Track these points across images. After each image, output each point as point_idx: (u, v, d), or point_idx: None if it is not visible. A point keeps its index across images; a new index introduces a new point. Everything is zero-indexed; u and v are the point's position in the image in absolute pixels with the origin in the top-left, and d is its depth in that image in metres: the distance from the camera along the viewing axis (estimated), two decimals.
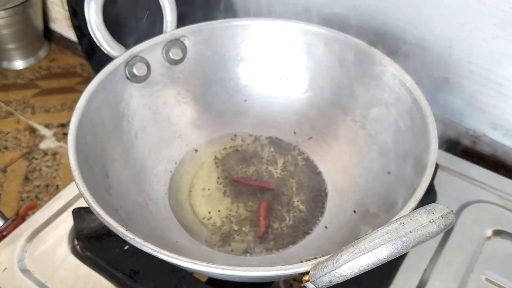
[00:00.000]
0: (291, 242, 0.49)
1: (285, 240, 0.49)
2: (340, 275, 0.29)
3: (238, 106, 0.59)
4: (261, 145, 0.58)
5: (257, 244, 0.49)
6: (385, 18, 0.58)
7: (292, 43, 0.57)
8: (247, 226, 0.50)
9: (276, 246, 0.49)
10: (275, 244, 0.49)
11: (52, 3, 1.36)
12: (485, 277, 0.47)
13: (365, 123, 0.53)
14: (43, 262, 0.48)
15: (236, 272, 0.33)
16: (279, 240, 0.50)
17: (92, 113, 0.47)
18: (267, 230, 0.50)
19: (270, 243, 0.49)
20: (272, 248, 0.49)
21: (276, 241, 0.49)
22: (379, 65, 0.51)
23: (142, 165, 0.52)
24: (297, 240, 0.49)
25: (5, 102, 1.31)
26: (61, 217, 0.52)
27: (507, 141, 0.60)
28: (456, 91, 0.60)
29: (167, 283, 0.44)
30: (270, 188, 0.53)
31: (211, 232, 0.50)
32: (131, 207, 0.47)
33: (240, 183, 0.54)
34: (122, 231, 0.35)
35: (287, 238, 0.50)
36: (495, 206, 0.53)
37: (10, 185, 1.11)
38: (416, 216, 0.29)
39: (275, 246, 0.49)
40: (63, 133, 1.23)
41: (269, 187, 0.53)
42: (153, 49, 0.52)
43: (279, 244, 0.49)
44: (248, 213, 0.52)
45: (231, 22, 0.56)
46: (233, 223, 0.51)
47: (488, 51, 0.54)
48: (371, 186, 0.50)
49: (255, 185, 0.54)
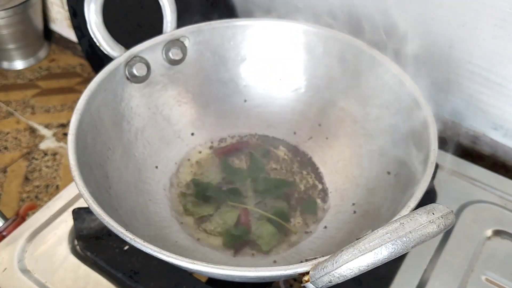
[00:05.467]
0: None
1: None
2: (340, 275, 0.29)
3: (238, 106, 0.59)
4: (261, 145, 0.58)
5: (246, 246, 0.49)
6: (385, 18, 0.58)
7: (292, 43, 0.57)
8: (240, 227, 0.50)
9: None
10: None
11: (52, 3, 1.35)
12: (485, 277, 0.47)
13: (365, 123, 0.53)
14: (43, 262, 0.48)
15: (236, 272, 0.33)
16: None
17: (92, 113, 0.47)
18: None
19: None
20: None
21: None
22: (379, 65, 0.51)
23: (142, 165, 0.52)
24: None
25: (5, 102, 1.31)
26: (61, 217, 0.52)
27: (507, 141, 0.60)
28: (456, 91, 0.60)
29: (167, 283, 0.44)
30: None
31: (211, 233, 0.50)
32: (131, 207, 0.47)
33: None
34: (122, 231, 0.35)
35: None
36: (495, 206, 0.53)
37: (10, 185, 1.11)
38: (416, 216, 0.29)
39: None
40: (63, 133, 1.23)
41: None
42: (153, 49, 0.52)
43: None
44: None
45: (231, 22, 0.56)
46: (233, 223, 0.51)
47: (488, 51, 0.54)
48: (371, 186, 0.50)
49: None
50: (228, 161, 0.56)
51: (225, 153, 0.57)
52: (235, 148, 0.58)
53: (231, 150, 0.57)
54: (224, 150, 0.57)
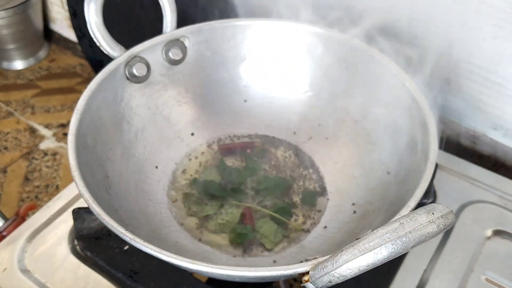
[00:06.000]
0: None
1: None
2: (339, 275, 0.29)
3: (238, 106, 0.59)
4: (261, 145, 0.58)
5: (256, 244, 0.49)
6: (385, 18, 0.58)
7: (292, 43, 0.57)
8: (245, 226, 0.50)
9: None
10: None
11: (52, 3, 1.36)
12: (485, 277, 0.47)
13: (365, 123, 0.53)
14: (43, 262, 0.48)
15: (236, 272, 0.33)
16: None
17: (92, 113, 0.47)
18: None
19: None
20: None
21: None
22: (379, 65, 0.51)
23: (142, 165, 0.52)
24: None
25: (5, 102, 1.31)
26: (61, 217, 0.52)
27: (507, 141, 0.60)
28: (456, 91, 0.60)
29: (167, 283, 0.44)
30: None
31: (211, 233, 0.50)
32: (131, 207, 0.47)
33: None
34: (122, 231, 0.35)
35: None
36: (495, 206, 0.53)
37: (10, 185, 1.11)
38: (416, 216, 0.29)
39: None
40: (63, 133, 1.23)
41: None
42: (153, 49, 0.52)
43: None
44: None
45: (231, 22, 0.56)
46: (233, 223, 0.51)
47: (488, 51, 0.54)
48: (371, 186, 0.50)
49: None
50: (228, 161, 0.56)
51: (230, 149, 0.57)
52: (239, 146, 0.58)
53: (235, 148, 0.58)
54: (229, 146, 0.58)
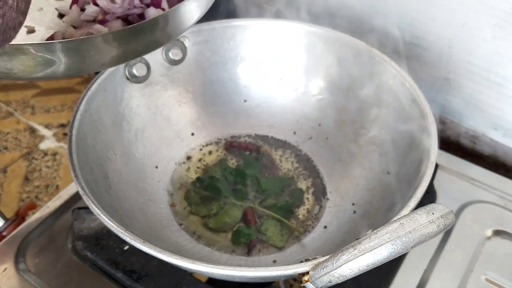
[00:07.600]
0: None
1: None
2: (340, 275, 0.29)
3: (238, 107, 0.59)
4: (261, 145, 0.58)
5: (257, 244, 0.49)
6: (385, 18, 0.58)
7: (292, 43, 0.57)
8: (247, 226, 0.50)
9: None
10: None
11: None
12: (485, 277, 0.47)
13: (365, 123, 0.53)
14: (43, 262, 0.48)
15: (236, 272, 0.33)
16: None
17: (92, 113, 0.47)
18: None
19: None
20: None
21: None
22: (379, 65, 0.51)
23: (142, 165, 0.52)
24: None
25: (5, 102, 1.31)
26: (61, 217, 0.52)
27: (507, 141, 0.60)
28: (456, 91, 0.60)
29: (167, 283, 0.44)
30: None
31: (211, 233, 0.50)
32: (131, 207, 0.47)
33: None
34: (122, 231, 0.36)
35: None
36: (495, 206, 0.53)
37: (10, 185, 1.11)
38: (416, 216, 0.29)
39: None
40: (63, 133, 1.23)
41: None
42: None
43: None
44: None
45: (231, 22, 0.56)
46: (234, 223, 0.51)
47: (488, 51, 0.54)
48: (371, 186, 0.50)
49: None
50: (228, 161, 0.56)
51: (235, 147, 0.58)
52: (244, 146, 0.58)
53: (240, 147, 0.58)
54: (233, 143, 0.58)
